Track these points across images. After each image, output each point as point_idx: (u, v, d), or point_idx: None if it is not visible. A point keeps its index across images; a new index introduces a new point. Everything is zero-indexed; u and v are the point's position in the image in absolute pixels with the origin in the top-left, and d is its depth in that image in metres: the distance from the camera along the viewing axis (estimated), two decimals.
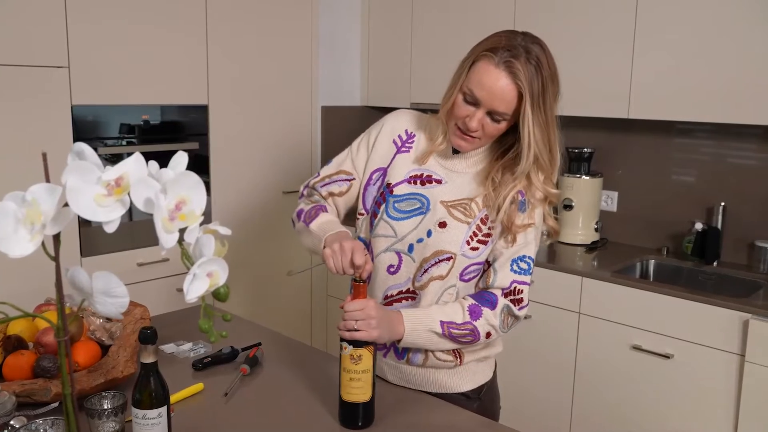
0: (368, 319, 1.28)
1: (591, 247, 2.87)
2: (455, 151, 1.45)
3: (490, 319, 1.38)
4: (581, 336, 2.54)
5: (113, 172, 0.69)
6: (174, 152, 2.97)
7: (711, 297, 2.23)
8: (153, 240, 3.12)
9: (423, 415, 1.40)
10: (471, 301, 1.40)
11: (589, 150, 2.91)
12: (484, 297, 1.41)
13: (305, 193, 1.62)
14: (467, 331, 1.38)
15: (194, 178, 0.71)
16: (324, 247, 1.39)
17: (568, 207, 2.90)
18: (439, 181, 1.44)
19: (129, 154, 2.64)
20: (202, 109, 2.91)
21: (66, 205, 0.71)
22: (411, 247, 1.44)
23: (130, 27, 2.62)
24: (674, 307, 2.29)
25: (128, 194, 0.71)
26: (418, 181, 1.45)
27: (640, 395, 2.40)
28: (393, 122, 1.53)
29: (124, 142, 2.70)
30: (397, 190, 1.46)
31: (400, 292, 1.47)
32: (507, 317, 1.40)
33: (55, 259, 0.74)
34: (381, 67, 3.43)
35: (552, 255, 2.81)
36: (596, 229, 2.92)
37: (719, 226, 2.62)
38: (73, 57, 2.46)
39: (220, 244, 0.74)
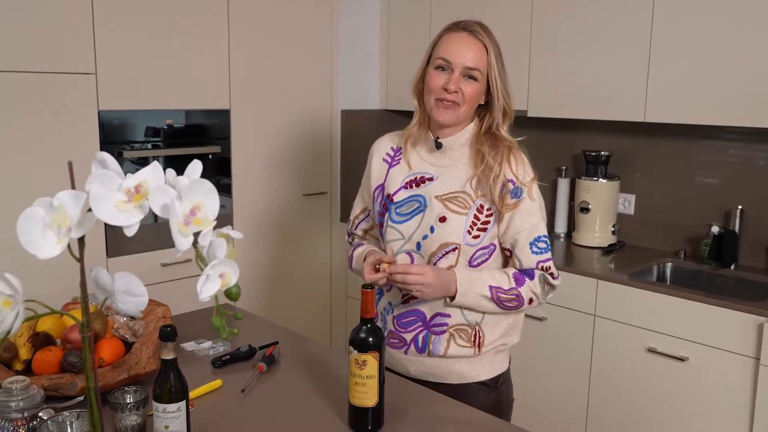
0: (426, 286, 1.46)
1: (608, 250, 2.88)
2: (438, 146, 1.57)
3: (532, 286, 1.54)
4: (596, 338, 2.55)
5: (133, 180, 0.74)
6: (197, 156, 3.05)
7: (726, 300, 2.23)
8: None
9: (436, 418, 1.43)
10: (514, 270, 1.55)
11: (606, 153, 2.92)
12: (525, 272, 1.56)
13: (348, 239, 1.84)
14: (513, 297, 1.53)
15: (208, 185, 0.76)
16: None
17: (585, 210, 2.91)
18: (431, 179, 1.57)
19: (154, 158, 2.70)
20: (225, 113, 2.98)
21: (90, 210, 0.76)
22: (419, 245, 1.55)
23: (155, 34, 2.69)
24: (689, 310, 2.29)
25: (147, 200, 0.76)
26: (413, 184, 1.58)
27: (655, 397, 2.41)
28: (378, 147, 1.69)
29: (149, 146, 2.77)
30: (396, 197, 1.59)
31: None
32: (545, 285, 1.56)
33: (80, 260, 0.79)
34: (400, 70, 3.47)
35: (569, 258, 2.83)
36: (613, 232, 2.93)
37: (737, 230, 2.62)
38: (100, 64, 2.55)
39: (232, 246, 0.79)
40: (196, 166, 0.79)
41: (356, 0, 3.46)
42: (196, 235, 0.77)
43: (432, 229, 1.53)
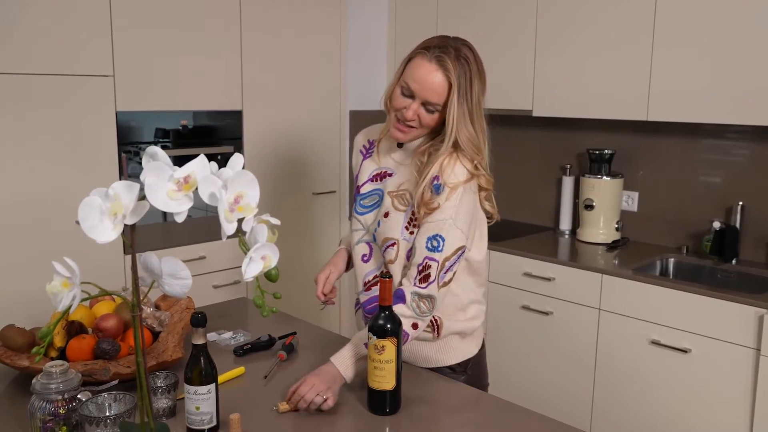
0: (313, 389, 1.39)
1: (612, 246, 2.94)
2: (400, 144, 1.62)
3: (404, 312, 1.48)
4: (601, 331, 2.62)
5: (182, 171, 0.81)
6: (211, 155, 3.12)
7: (727, 293, 2.30)
8: (188, 239, 3.25)
9: (447, 402, 1.50)
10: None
11: (610, 151, 2.99)
12: (397, 294, 1.51)
13: None
14: None
15: (249, 176, 0.83)
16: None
17: (589, 207, 2.98)
18: (390, 175, 1.63)
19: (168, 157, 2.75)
20: (237, 114, 3.06)
21: (141, 198, 0.83)
22: (374, 237, 1.64)
23: (170, 38, 2.77)
24: (692, 303, 2.36)
25: (194, 190, 0.83)
26: (378, 178, 1.65)
27: (659, 388, 2.48)
28: (358, 140, 1.77)
29: (160, 146, 2.84)
30: (363, 189, 1.68)
31: (375, 277, 1.67)
32: (420, 302, 1.50)
33: (131, 245, 0.86)
34: None
35: (574, 254, 2.89)
36: (617, 229, 3.00)
37: (738, 225, 2.69)
38: (118, 66, 2.62)
39: (271, 232, 0.86)
40: (238, 159, 0.86)
41: (365, 3, 3.54)
42: (240, 221, 0.84)
43: (379, 224, 1.61)
